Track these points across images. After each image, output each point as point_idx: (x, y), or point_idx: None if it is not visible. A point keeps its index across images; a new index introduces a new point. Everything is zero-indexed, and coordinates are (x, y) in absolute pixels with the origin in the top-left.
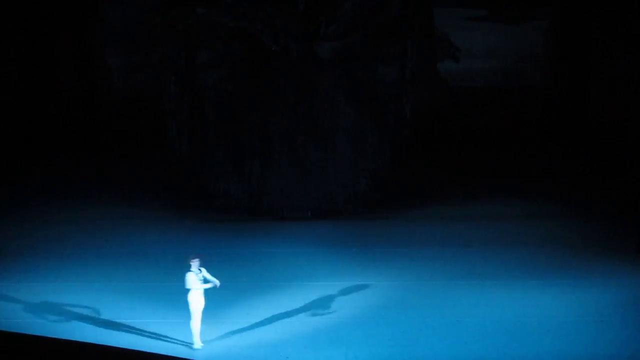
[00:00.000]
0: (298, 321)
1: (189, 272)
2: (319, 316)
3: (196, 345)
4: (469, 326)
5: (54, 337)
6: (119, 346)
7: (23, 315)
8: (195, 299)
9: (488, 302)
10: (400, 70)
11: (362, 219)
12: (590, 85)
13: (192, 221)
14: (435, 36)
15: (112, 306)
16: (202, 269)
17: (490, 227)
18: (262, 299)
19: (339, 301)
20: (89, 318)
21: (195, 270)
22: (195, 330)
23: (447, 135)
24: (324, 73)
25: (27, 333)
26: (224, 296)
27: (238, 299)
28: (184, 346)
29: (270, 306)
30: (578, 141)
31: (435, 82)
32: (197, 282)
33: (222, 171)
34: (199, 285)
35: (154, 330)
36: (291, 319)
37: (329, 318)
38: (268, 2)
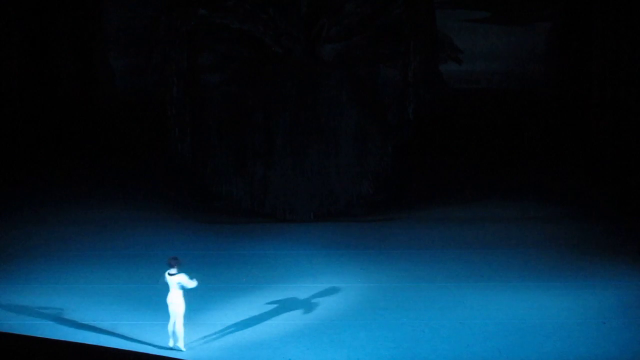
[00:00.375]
0: (300, 323)
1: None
2: (321, 318)
3: (170, 344)
4: (471, 328)
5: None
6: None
7: (24, 317)
8: (171, 301)
9: (490, 304)
10: (403, 72)
11: (365, 220)
12: (593, 87)
13: (194, 223)
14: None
15: (114, 308)
16: (183, 274)
17: (492, 229)
18: (264, 300)
19: (341, 303)
20: (90, 319)
21: (172, 270)
22: (179, 332)
23: (450, 137)
24: (327, 75)
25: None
26: (225, 297)
27: (239, 300)
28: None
29: (272, 308)
30: (580, 143)
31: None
32: (170, 283)
33: (225, 173)
34: (176, 287)
35: (155, 332)
36: (293, 321)
37: (331, 320)
38: (270, 4)
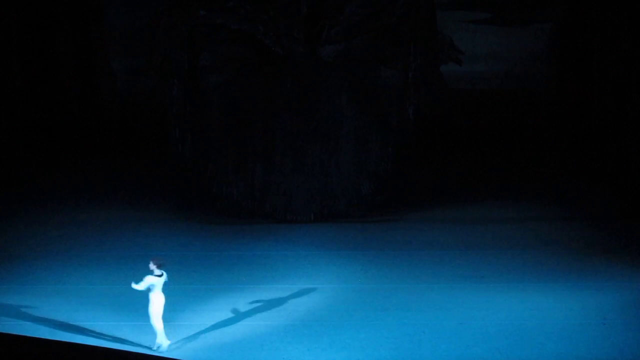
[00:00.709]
0: (300, 323)
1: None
2: (321, 319)
3: (162, 344)
4: (472, 329)
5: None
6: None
7: (24, 318)
8: (154, 302)
9: (490, 305)
10: (404, 73)
11: (365, 221)
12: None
13: (194, 223)
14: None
15: (115, 309)
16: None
17: (492, 230)
18: (264, 301)
19: (341, 303)
20: (90, 320)
21: (157, 272)
22: (156, 330)
23: (450, 138)
24: (327, 76)
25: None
26: (225, 298)
27: (239, 301)
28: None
29: (272, 308)
30: (580, 143)
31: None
32: (156, 285)
33: (225, 173)
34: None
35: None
36: (293, 322)
37: (331, 320)
38: (271, 5)
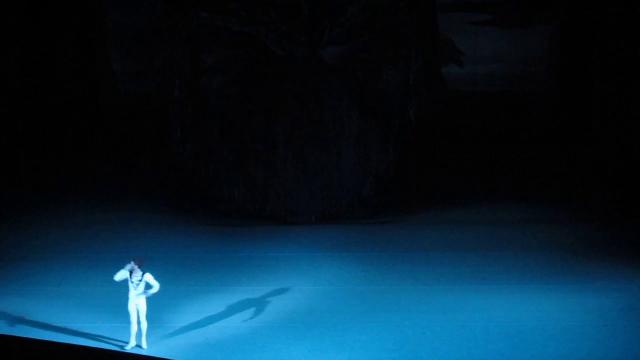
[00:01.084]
0: (302, 325)
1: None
2: (323, 320)
3: (128, 346)
4: (473, 330)
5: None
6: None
7: (25, 319)
8: (129, 301)
9: (492, 307)
10: (405, 75)
11: (366, 223)
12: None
13: (196, 225)
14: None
15: (115, 310)
16: (147, 273)
17: (493, 232)
18: (266, 302)
19: (342, 305)
20: (91, 321)
21: (136, 273)
22: (144, 329)
23: (451, 140)
24: (328, 77)
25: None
26: (227, 300)
27: (241, 302)
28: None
29: (274, 310)
30: (581, 145)
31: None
32: (131, 284)
33: (226, 175)
34: (133, 287)
35: (157, 333)
36: (295, 323)
37: (332, 322)
38: (272, 7)
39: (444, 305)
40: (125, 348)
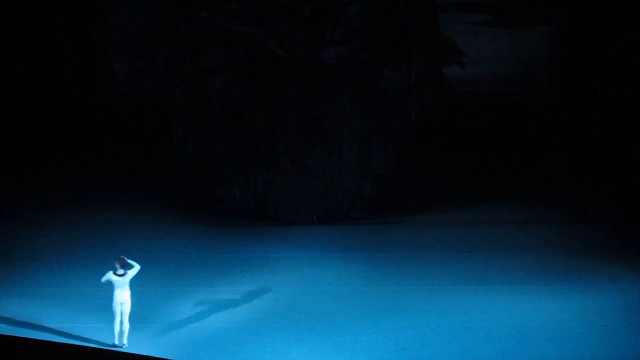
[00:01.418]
0: (303, 326)
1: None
2: (323, 321)
3: (116, 342)
4: (474, 331)
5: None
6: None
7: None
8: (114, 301)
9: (492, 307)
10: (406, 75)
11: (367, 223)
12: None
13: (197, 225)
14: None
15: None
16: (130, 271)
17: (494, 232)
18: (267, 303)
19: (343, 306)
20: (92, 322)
21: (120, 271)
22: (126, 329)
23: (453, 140)
24: (329, 77)
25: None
26: (228, 300)
27: (242, 303)
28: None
29: (275, 310)
30: (582, 145)
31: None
32: (117, 282)
33: (227, 176)
34: (119, 285)
35: (160, 333)
36: (296, 324)
37: (333, 323)
38: (273, 7)
39: (445, 305)
40: (125, 345)
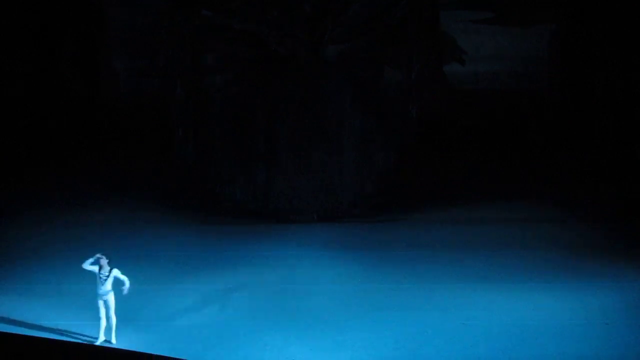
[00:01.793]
0: (303, 324)
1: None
2: (324, 319)
3: (98, 341)
4: (475, 329)
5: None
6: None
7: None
8: (97, 297)
9: (493, 305)
10: (407, 73)
11: (368, 221)
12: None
13: (198, 224)
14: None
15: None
16: (115, 269)
17: (495, 230)
18: (267, 301)
19: (344, 304)
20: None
21: (104, 269)
22: (113, 325)
23: (453, 138)
24: (330, 76)
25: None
26: (228, 298)
27: (242, 301)
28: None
29: (276, 309)
30: (583, 144)
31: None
32: (99, 280)
33: (228, 174)
34: (101, 282)
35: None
36: (296, 322)
37: (334, 321)
38: (274, 6)
39: (445, 303)
40: (95, 343)
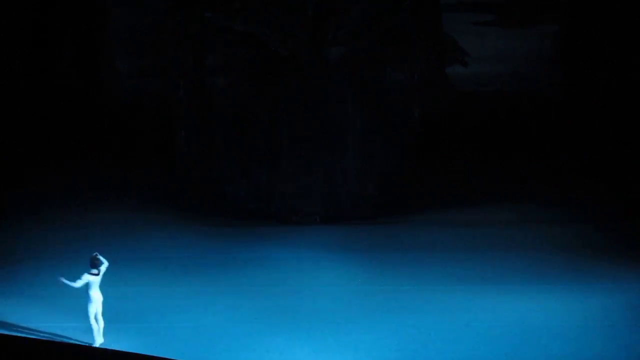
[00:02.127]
0: (306, 326)
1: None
2: (326, 321)
3: (97, 344)
4: (477, 330)
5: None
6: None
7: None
8: (92, 301)
9: (495, 307)
10: (409, 75)
11: (370, 223)
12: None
13: (200, 225)
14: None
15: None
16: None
17: (497, 232)
18: (269, 303)
19: (346, 306)
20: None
21: (94, 270)
22: (102, 326)
23: (456, 140)
24: (332, 77)
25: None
26: (231, 300)
27: (244, 303)
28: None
29: (278, 310)
30: (585, 145)
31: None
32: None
33: (230, 175)
34: (95, 285)
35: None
36: (299, 324)
37: (336, 323)
38: (277, 7)
39: (447, 305)
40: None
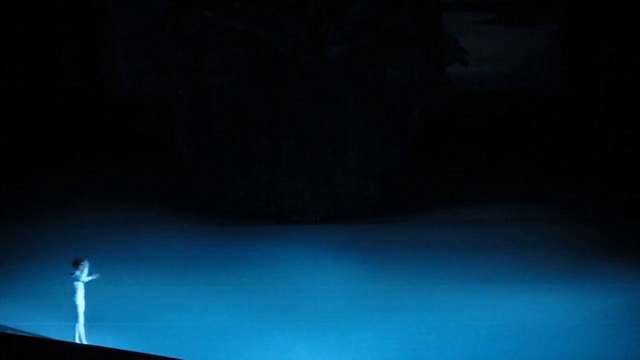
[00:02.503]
0: (305, 325)
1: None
2: (326, 320)
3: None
4: (477, 330)
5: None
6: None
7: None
8: (80, 301)
9: (496, 306)
10: (409, 74)
11: (371, 222)
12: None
13: (200, 224)
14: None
15: (119, 309)
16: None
17: (498, 231)
18: (270, 302)
19: (346, 305)
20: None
21: (80, 273)
22: (81, 329)
23: (456, 139)
24: (333, 77)
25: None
26: (231, 299)
27: (245, 302)
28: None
29: (278, 309)
30: (585, 145)
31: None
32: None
33: (231, 174)
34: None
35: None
36: (299, 323)
37: (336, 322)
38: (277, 6)
39: (448, 304)
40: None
